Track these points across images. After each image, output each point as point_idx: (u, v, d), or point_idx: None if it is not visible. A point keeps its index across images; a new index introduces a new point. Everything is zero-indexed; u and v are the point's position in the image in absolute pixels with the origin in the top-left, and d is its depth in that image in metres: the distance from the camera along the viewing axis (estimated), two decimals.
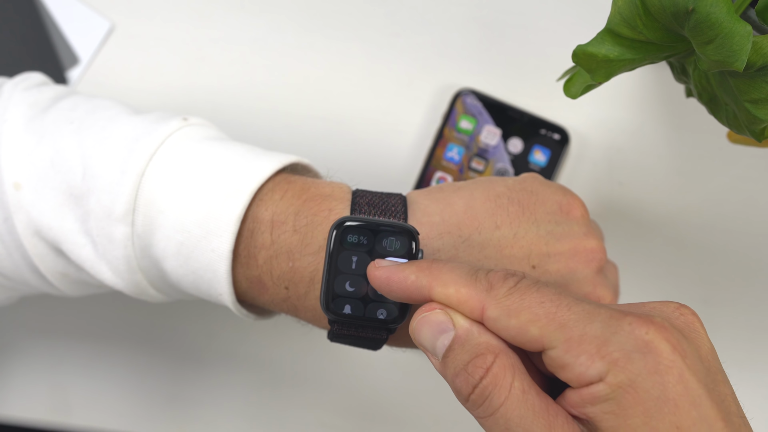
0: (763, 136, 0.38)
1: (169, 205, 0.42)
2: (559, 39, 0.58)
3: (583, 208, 0.44)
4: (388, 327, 0.41)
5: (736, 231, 0.58)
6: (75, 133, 0.43)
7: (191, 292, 0.44)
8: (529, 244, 0.42)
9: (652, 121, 0.58)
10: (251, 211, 0.42)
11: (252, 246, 0.42)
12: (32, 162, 0.43)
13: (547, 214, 0.43)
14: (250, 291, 0.43)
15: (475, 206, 0.43)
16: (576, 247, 0.43)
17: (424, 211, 0.43)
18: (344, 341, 0.43)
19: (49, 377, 0.59)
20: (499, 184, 0.44)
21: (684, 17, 0.34)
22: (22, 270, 0.45)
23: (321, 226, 0.42)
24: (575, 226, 0.44)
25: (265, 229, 0.42)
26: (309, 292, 0.42)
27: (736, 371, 0.58)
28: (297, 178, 0.44)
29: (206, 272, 0.42)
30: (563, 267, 0.42)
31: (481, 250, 0.42)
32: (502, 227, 0.42)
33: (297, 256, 0.41)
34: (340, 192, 0.43)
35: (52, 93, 0.47)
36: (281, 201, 0.42)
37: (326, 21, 0.59)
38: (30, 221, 0.43)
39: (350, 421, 0.59)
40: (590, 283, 0.43)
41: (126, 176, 0.42)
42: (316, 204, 0.42)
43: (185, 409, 0.59)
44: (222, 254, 0.41)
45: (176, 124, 0.44)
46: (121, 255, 0.42)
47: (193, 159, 0.43)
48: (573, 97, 0.41)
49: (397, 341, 0.44)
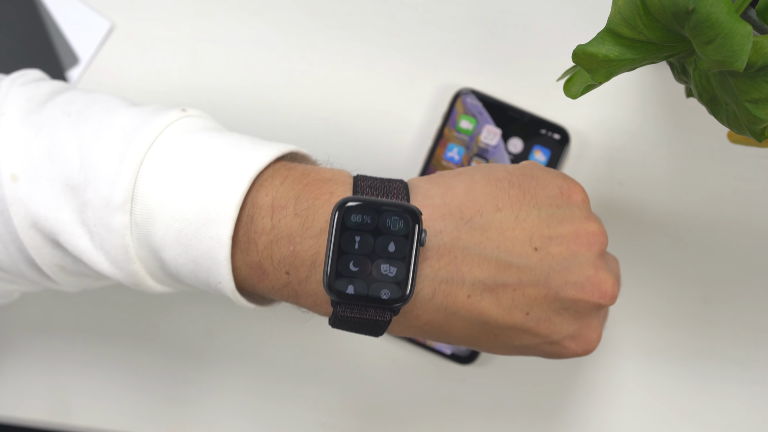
0: (764, 136, 0.38)
1: (167, 194, 0.42)
2: (559, 39, 0.58)
3: (584, 193, 0.44)
4: (392, 307, 0.41)
5: (736, 231, 0.58)
6: (72, 125, 0.43)
7: (190, 283, 0.43)
8: (531, 227, 0.42)
9: (652, 121, 0.58)
10: (250, 197, 0.42)
11: (252, 231, 0.42)
12: (29, 154, 0.43)
13: (548, 198, 0.43)
14: (250, 278, 0.42)
15: (476, 189, 0.43)
16: (578, 230, 0.43)
17: (425, 194, 0.43)
18: (346, 326, 0.42)
19: (49, 377, 0.59)
20: (500, 170, 0.44)
21: (684, 17, 0.34)
22: (19, 263, 0.45)
23: (322, 208, 0.41)
24: (576, 210, 0.44)
25: (265, 214, 0.42)
26: (310, 276, 0.42)
27: (736, 371, 0.58)
28: (297, 165, 0.44)
29: (205, 260, 0.42)
30: (565, 250, 0.42)
31: (483, 232, 0.42)
32: (503, 210, 0.42)
33: (298, 239, 0.41)
34: (341, 176, 0.43)
35: (49, 88, 0.47)
36: (281, 186, 0.42)
37: (326, 21, 0.59)
38: (27, 213, 0.43)
39: (350, 421, 0.59)
40: (592, 266, 0.43)
41: (124, 166, 0.42)
42: (317, 188, 0.42)
43: (185, 409, 0.59)
44: (221, 241, 0.41)
45: (174, 115, 0.44)
46: (119, 244, 0.42)
47: (191, 148, 0.43)
48: (573, 97, 0.41)
49: (399, 326, 0.43)
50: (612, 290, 0.43)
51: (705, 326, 0.58)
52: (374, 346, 0.59)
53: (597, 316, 0.45)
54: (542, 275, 0.42)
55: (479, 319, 0.42)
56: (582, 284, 0.43)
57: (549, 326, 0.43)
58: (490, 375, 0.58)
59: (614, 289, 0.43)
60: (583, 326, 0.44)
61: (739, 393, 0.58)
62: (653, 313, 0.58)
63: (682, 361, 0.58)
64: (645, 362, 0.58)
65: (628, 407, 0.58)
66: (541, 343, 0.44)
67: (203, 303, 0.59)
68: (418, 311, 0.42)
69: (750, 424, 0.58)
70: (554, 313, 0.43)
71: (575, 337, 0.44)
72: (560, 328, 0.43)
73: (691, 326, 0.58)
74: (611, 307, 0.56)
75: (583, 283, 0.43)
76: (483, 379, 0.58)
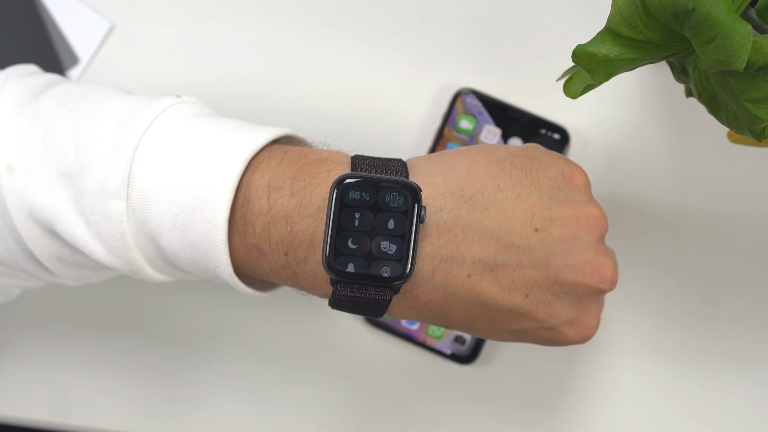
0: (764, 136, 0.38)
1: (163, 179, 0.41)
2: (559, 39, 0.58)
3: (585, 177, 0.44)
4: (393, 285, 0.41)
5: (736, 231, 0.58)
6: (67, 114, 0.43)
7: (189, 269, 0.43)
8: (531, 207, 0.42)
9: (652, 121, 0.58)
10: (246, 179, 0.42)
11: (248, 213, 0.41)
12: (25, 144, 0.43)
13: (550, 179, 0.43)
14: (248, 260, 0.42)
15: (478, 169, 0.43)
16: (579, 213, 0.43)
17: (425, 173, 0.43)
18: (346, 306, 0.42)
19: (49, 377, 0.59)
20: (502, 150, 0.44)
21: (684, 17, 0.34)
22: (18, 256, 0.45)
23: (320, 187, 0.41)
24: (577, 193, 0.43)
25: (261, 195, 0.41)
26: (309, 256, 0.41)
27: (736, 371, 0.58)
28: (294, 147, 0.44)
29: (203, 244, 0.41)
30: (566, 232, 0.42)
31: (484, 210, 0.42)
32: (504, 189, 0.42)
33: (295, 219, 0.41)
34: (338, 156, 0.43)
35: (44, 79, 0.47)
36: (278, 167, 0.42)
37: (326, 21, 0.59)
38: (23, 203, 0.43)
39: (350, 421, 0.59)
40: (592, 250, 0.43)
41: (119, 152, 0.41)
42: (314, 167, 0.42)
43: (185, 409, 0.59)
44: (218, 224, 0.41)
45: (169, 101, 0.44)
46: (116, 231, 0.42)
47: (186, 133, 0.42)
48: (573, 97, 0.41)
49: (399, 307, 0.43)
50: (612, 275, 0.43)
51: (705, 326, 0.58)
52: (375, 346, 0.59)
53: (596, 302, 0.44)
54: (542, 257, 0.42)
55: (478, 300, 0.42)
56: (582, 267, 0.42)
57: (548, 310, 0.43)
58: (490, 375, 0.58)
59: (614, 274, 0.43)
60: (582, 312, 0.44)
61: (739, 393, 0.58)
62: (653, 313, 0.58)
63: (682, 361, 0.58)
64: (645, 362, 0.58)
65: (628, 407, 0.58)
66: (539, 328, 0.44)
67: (203, 303, 0.59)
68: (417, 291, 0.42)
69: (750, 424, 0.58)
70: (554, 297, 0.43)
71: (573, 323, 0.44)
72: (559, 313, 0.43)
73: (691, 326, 0.58)
74: (611, 306, 0.56)
75: (583, 267, 0.42)
76: (483, 379, 0.58)
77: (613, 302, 0.57)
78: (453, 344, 0.57)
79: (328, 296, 0.42)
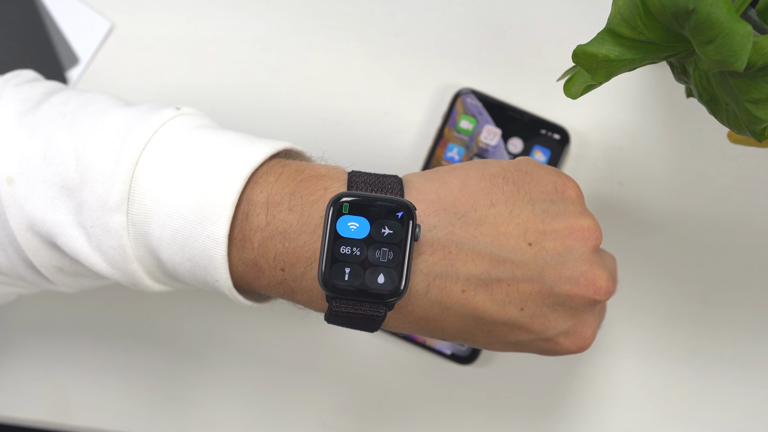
0: (764, 136, 0.38)
1: (163, 193, 0.42)
2: (559, 39, 0.58)
3: (578, 189, 0.44)
4: (387, 302, 0.41)
5: (736, 231, 0.58)
6: (67, 126, 0.43)
7: (188, 281, 0.43)
8: (524, 222, 0.42)
9: (652, 121, 0.58)
10: (246, 195, 0.42)
11: (247, 228, 0.42)
12: (25, 156, 0.43)
13: (542, 193, 0.43)
14: (246, 276, 0.43)
15: (470, 185, 0.43)
16: (572, 225, 0.43)
17: (419, 190, 0.43)
18: (341, 321, 0.42)
19: (48, 377, 0.59)
20: (494, 165, 0.44)
21: (684, 17, 0.35)
22: (17, 266, 0.45)
23: (317, 204, 0.42)
24: (570, 205, 0.44)
25: (260, 211, 0.42)
26: (306, 272, 0.42)
27: (736, 371, 0.58)
28: (291, 162, 0.44)
29: (202, 259, 0.42)
30: (560, 245, 0.43)
31: (477, 227, 0.42)
32: (497, 205, 0.42)
33: (292, 236, 0.41)
34: (335, 172, 0.43)
35: (43, 88, 0.46)
36: (276, 183, 0.42)
37: (326, 21, 0.59)
38: (23, 215, 0.43)
39: (350, 421, 0.59)
40: (586, 262, 0.43)
41: (120, 165, 0.42)
42: (311, 183, 0.42)
43: (185, 409, 0.59)
44: (218, 239, 0.41)
45: (169, 113, 0.44)
46: (117, 245, 0.42)
47: (186, 147, 0.43)
48: (573, 97, 0.41)
49: (394, 321, 0.44)
50: (606, 286, 0.43)
51: (705, 326, 0.58)
52: (375, 347, 0.59)
53: (592, 313, 0.45)
54: (536, 270, 0.42)
55: (473, 315, 0.42)
56: (576, 279, 0.43)
57: (543, 322, 0.43)
58: (490, 375, 0.58)
59: (608, 285, 0.43)
60: (578, 323, 0.44)
61: (739, 393, 0.58)
62: (653, 313, 0.58)
63: (682, 361, 0.58)
64: (645, 362, 0.58)
65: (628, 407, 0.58)
66: (536, 340, 0.44)
67: (203, 303, 0.59)
68: (412, 306, 0.42)
69: (750, 424, 0.58)
70: (549, 309, 0.43)
71: (569, 334, 0.44)
72: (555, 324, 0.43)
73: (691, 326, 0.58)
74: (611, 307, 0.57)
75: (577, 278, 0.43)
76: (483, 379, 0.58)
77: (613, 303, 0.57)
78: (453, 344, 0.57)
79: (324, 311, 0.43)
